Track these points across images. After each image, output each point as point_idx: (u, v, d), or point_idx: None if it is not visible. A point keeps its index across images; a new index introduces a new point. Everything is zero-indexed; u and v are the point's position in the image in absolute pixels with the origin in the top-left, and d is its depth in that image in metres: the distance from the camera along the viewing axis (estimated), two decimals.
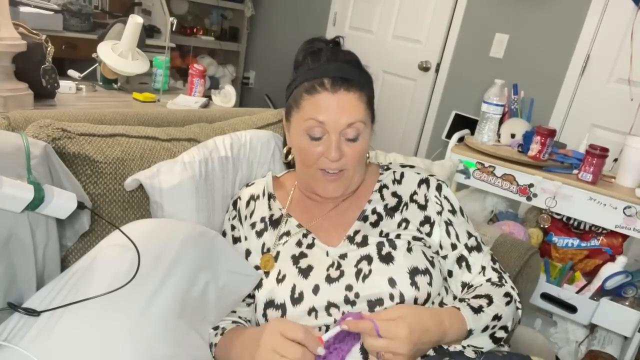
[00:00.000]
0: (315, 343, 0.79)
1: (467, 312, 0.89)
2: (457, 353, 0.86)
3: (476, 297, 0.95)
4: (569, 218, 1.82)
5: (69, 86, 1.86)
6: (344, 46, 1.03)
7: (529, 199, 1.76)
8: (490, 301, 0.93)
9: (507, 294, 0.97)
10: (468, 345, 0.90)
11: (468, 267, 1.01)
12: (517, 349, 1.24)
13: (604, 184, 1.69)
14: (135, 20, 1.94)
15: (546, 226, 1.82)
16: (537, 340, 1.36)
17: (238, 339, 0.89)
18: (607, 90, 2.44)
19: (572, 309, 1.73)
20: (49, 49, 1.63)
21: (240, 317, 1.00)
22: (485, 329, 0.90)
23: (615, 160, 1.87)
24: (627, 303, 1.66)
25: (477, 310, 0.91)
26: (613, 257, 1.75)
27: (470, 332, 0.88)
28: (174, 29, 2.06)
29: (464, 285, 1.01)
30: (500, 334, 0.93)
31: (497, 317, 0.92)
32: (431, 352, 0.85)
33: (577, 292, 1.73)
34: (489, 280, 1.01)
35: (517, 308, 0.99)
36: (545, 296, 1.76)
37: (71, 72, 2.05)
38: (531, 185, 1.74)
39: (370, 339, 0.80)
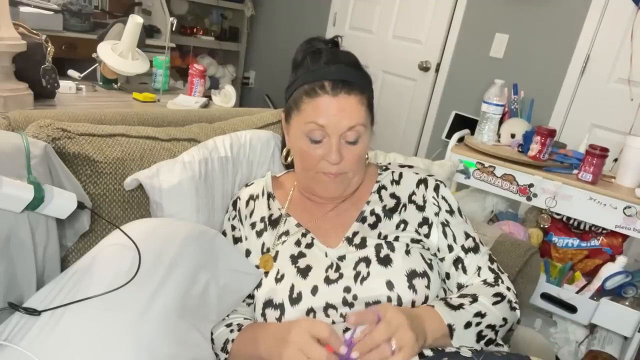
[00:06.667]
0: (339, 342, 0.79)
1: (442, 308, 0.88)
2: (455, 354, 0.85)
3: (460, 296, 0.94)
4: (569, 218, 1.82)
5: (69, 86, 1.86)
6: (343, 46, 1.03)
7: (529, 199, 1.76)
8: (474, 299, 0.92)
9: (497, 294, 0.95)
10: (460, 347, 0.87)
11: (464, 269, 1.00)
12: (517, 349, 1.24)
13: (604, 184, 1.69)
14: (135, 20, 1.95)
15: (546, 226, 1.82)
16: (537, 340, 1.36)
17: (265, 335, 0.88)
18: (607, 90, 2.44)
19: (572, 309, 1.73)
20: (49, 49, 1.63)
21: (244, 318, 1.00)
22: (468, 325, 0.89)
23: (615, 160, 1.87)
24: (627, 303, 1.66)
25: (456, 307, 0.89)
26: (613, 257, 1.76)
27: (451, 328, 0.86)
28: (174, 29, 2.06)
29: (460, 287, 1.00)
30: (488, 333, 0.91)
31: (480, 315, 0.90)
32: (430, 353, 0.84)
33: (577, 292, 1.73)
34: (484, 281, 1.00)
35: (513, 309, 0.97)
36: (545, 296, 1.76)
37: (71, 72, 2.05)
38: (531, 185, 1.74)
39: (375, 332, 0.78)
